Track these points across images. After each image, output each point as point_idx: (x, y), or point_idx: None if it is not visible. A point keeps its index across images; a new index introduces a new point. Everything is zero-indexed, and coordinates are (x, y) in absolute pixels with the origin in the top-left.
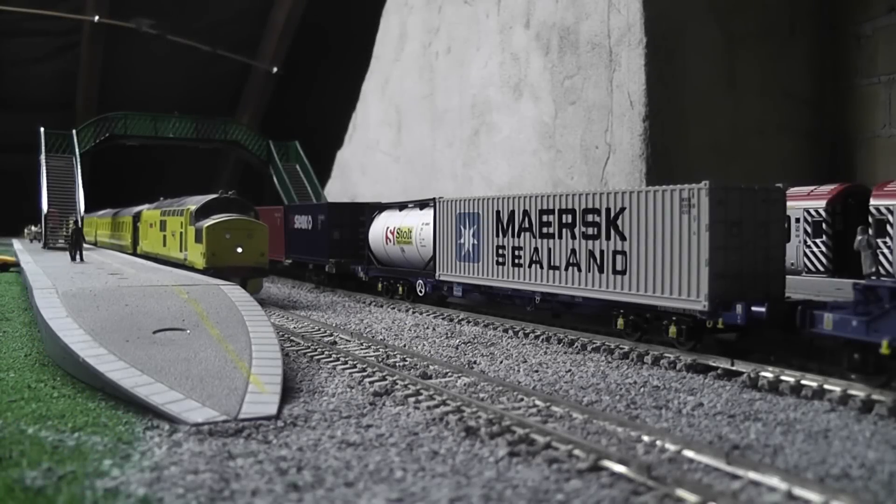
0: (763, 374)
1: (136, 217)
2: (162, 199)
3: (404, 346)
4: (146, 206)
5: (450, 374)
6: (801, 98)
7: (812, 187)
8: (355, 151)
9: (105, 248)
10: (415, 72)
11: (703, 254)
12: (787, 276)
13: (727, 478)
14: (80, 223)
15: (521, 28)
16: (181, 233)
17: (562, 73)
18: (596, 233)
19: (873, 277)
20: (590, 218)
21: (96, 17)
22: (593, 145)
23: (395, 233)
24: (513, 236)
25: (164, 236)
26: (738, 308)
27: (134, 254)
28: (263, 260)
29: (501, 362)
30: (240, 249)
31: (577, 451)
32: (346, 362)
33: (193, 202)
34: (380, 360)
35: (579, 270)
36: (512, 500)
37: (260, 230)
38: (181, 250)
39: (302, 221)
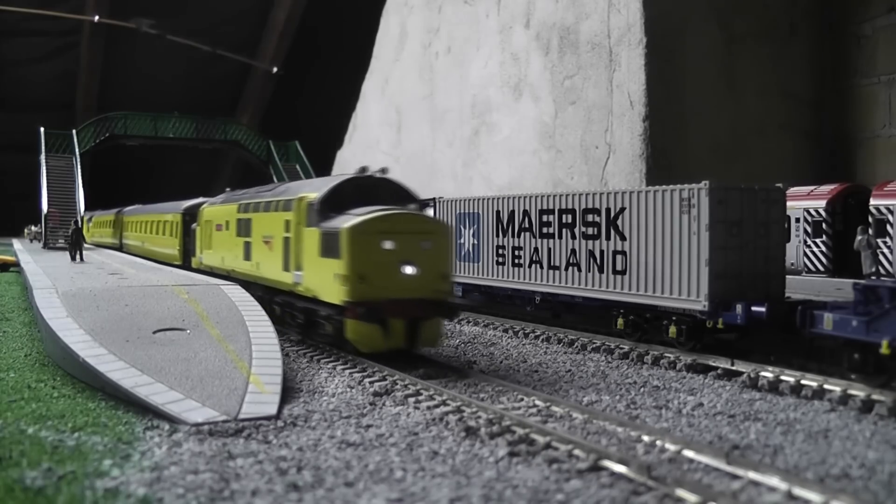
0: (763, 374)
1: (190, 215)
2: (228, 189)
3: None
4: (202, 199)
5: (450, 373)
6: (801, 98)
7: (812, 187)
8: (355, 151)
9: (134, 256)
10: (415, 72)
11: (703, 254)
12: (787, 276)
13: (727, 478)
14: (79, 223)
15: (521, 28)
16: (287, 239)
17: (562, 73)
18: (596, 233)
19: (873, 277)
20: (590, 218)
21: (96, 17)
22: (593, 145)
23: None
24: (512, 236)
25: (248, 245)
26: (738, 308)
27: (185, 266)
28: (446, 287)
29: (501, 362)
30: (410, 270)
31: (577, 451)
32: (346, 362)
33: (312, 188)
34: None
35: (579, 270)
36: (512, 500)
37: (441, 234)
38: (288, 268)
39: None
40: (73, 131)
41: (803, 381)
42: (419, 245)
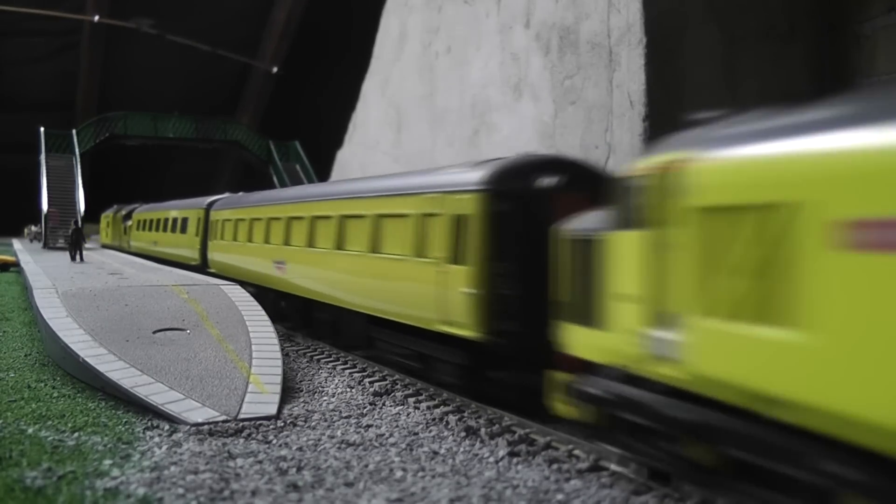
0: None
1: (510, 197)
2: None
3: None
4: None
5: None
6: (802, 98)
7: None
8: (355, 151)
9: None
10: (415, 72)
11: None
12: None
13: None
14: (79, 223)
15: (521, 28)
16: None
17: (562, 73)
18: None
19: None
20: None
21: (96, 17)
22: (593, 145)
23: None
24: None
25: None
26: None
27: (519, 357)
28: None
29: None
30: None
31: (577, 451)
32: (346, 362)
33: None
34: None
35: None
36: (512, 500)
37: None
38: None
39: None
40: (73, 131)
41: None
42: None
